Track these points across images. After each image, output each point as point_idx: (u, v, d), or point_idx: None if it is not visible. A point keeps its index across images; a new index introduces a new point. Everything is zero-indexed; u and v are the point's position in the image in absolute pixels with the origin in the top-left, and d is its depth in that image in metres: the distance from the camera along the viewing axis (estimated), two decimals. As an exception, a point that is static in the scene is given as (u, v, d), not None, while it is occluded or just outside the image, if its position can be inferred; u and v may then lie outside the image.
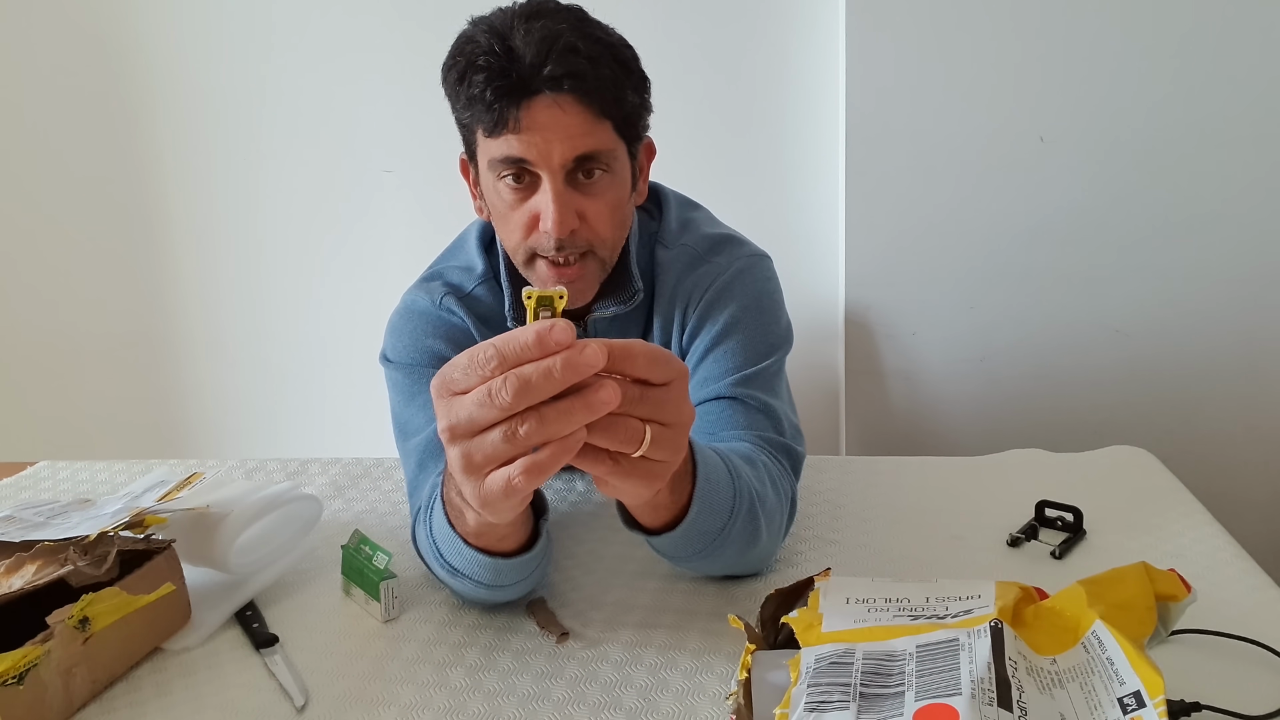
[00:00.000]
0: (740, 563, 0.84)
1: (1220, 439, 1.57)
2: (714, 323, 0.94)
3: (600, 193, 0.84)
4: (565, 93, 0.78)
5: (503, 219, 0.87)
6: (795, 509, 0.90)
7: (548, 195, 0.82)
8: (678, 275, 0.96)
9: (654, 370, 0.54)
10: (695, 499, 0.71)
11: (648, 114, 0.89)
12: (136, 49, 1.75)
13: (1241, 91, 1.43)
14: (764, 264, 0.99)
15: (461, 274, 0.98)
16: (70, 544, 0.78)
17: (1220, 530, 0.95)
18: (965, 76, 1.47)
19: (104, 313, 1.91)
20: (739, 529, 0.77)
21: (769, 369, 0.93)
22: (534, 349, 0.50)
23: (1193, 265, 1.51)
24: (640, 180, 0.93)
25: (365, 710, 0.72)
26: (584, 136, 0.80)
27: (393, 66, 1.66)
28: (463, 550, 0.74)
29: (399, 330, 0.97)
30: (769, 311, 0.96)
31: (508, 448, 0.51)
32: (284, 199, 1.80)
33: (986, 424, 1.62)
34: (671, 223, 1.00)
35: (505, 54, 0.78)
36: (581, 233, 0.85)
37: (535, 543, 0.76)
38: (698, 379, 0.93)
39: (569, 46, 0.77)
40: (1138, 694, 0.56)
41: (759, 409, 0.90)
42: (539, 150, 0.80)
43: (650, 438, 0.55)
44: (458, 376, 0.52)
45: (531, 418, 0.51)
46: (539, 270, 0.87)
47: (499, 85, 0.78)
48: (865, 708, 0.57)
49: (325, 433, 1.92)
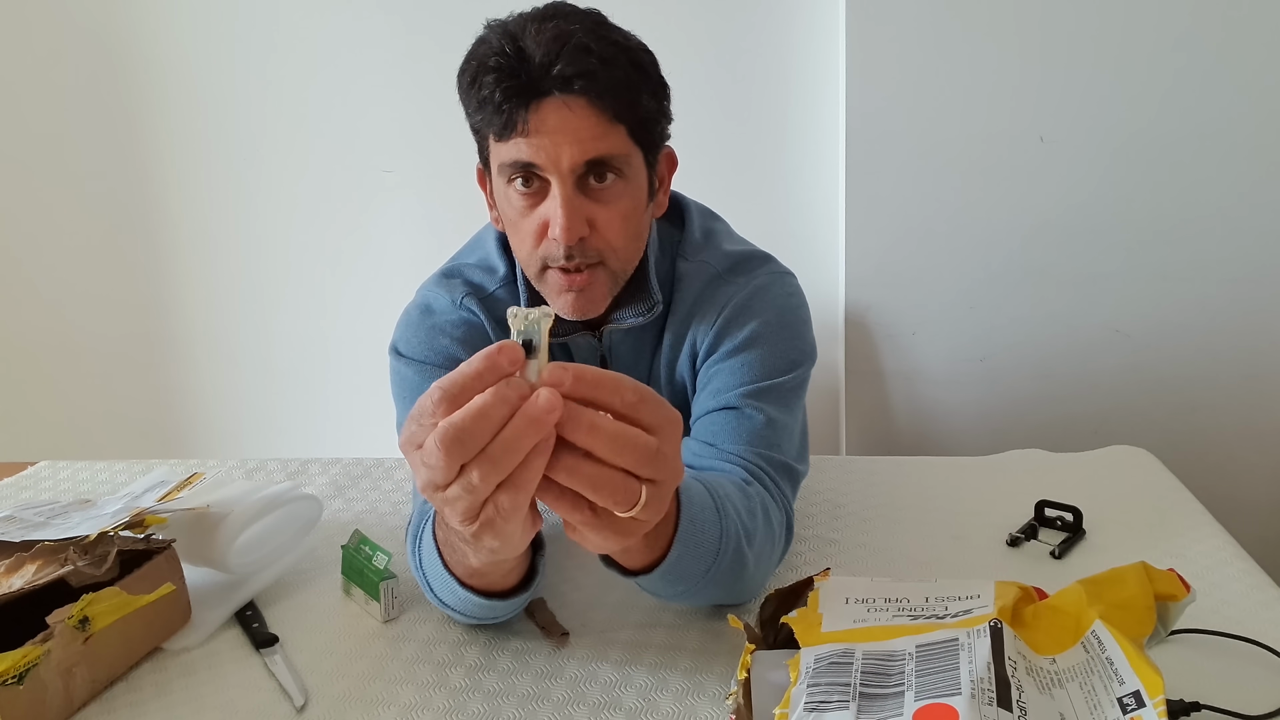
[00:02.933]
0: (727, 596, 0.80)
1: (1220, 439, 1.57)
2: (732, 339, 0.90)
3: (612, 200, 0.81)
4: (576, 94, 0.76)
5: (514, 227, 0.84)
6: (791, 535, 0.87)
7: (556, 200, 0.79)
8: (697, 291, 0.93)
9: (642, 410, 0.50)
10: (677, 543, 0.67)
11: (667, 122, 0.85)
12: (137, 49, 1.75)
13: (1242, 91, 1.43)
14: (786, 281, 0.96)
15: (483, 274, 0.95)
16: (70, 544, 0.78)
17: (1220, 530, 0.95)
18: (965, 76, 1.47)
19: (104, 313, 1.91)
20: (724, 569, 0.73)
21: (786, 384, 0.89)
22: (486, 376, 0.48)
23: (1193, 265, 1.51)
24: (660, 191, 0.90)
25: (365, 710, 0.72)
26: (595, 140, 0.77)
27: (393, 67, 1.66)
28: (456, 590, 0.73)
29: (415, 325, 0.94)
30: (791, 327, 0.92)
31: (473, 497, 0.49)
32: (284, 199, 1.80)
33: (987, 424, 1.62)
34: (695, 233, 0.96)
35: (516, 54, 0.76)
36: (592, 241, 0.81)
37: (532, 581, 0.74)
38: (710, 390, 0.90)
39: (580, 46, 0.75)
40: (1137, 694, 0.56)
41: (766, 423, 0.86)
42: (548, 154, 0.77)
43: (645, 498, 0.51)
44: (415, 430, 0.49)
45: (480, 461, 0.47)
46: (550, 281, 0.84)
47: (508, 86, 0.76)
48: (865, 708, 0.57)
49: (325, 433, 1.92)
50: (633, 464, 0.50)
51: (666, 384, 0.96)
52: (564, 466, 0.49)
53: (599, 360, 0.95)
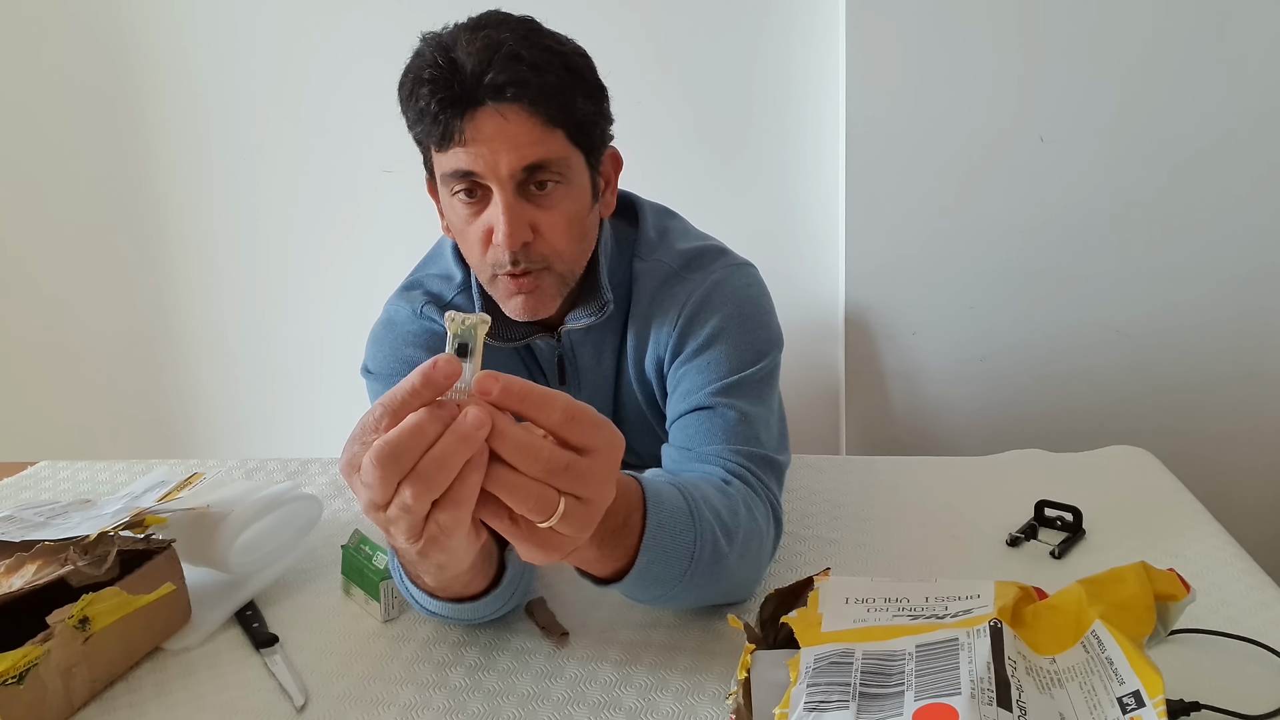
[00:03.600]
0: (715, 596, 0.80)
1: (1220, 439, 1.57)
2: (696, 337, 0.90)
3: (554, 204, 0.82)
4: (509, 101, 0.77)
5: (461, 236, 0.86)
6: (781, 528, 0.86)
7: (498, 207, 0.80)
8: (653, 290, 0.93)
9: (570, 429, 0.50)
10: (645, 549, 0.67)
11: (607, 123, 0.86)
12: (137, 49, 1.75)
13: (1242, 91, 1.43)
14: (743, 271, 0.96)
15: (441, 283, 0.97)
16: (70, 544, 0.78)
17: (1220, 530, 0.95)
18: (965, 76, 1.47)
19: (104, 313, 1.91)
20: (702, 571, 0.73)
21: (754, 376, 0.89)
22: (423, 391, 0.48)
23: (1193, 265, 1.51)
24: (607, 192, 0.91)
25: (365, 710, 0.72)
26: (531, 145, 0.78)
27: (394, 67, 1.65)
28: (434, 603, 0.74)
29: (380, 340, 0.96)
30: (753, 318, 0.92)
31: (411, 516, 0.49)
32: (284, 199, 1.80)
33: (987, 424, 1.62)
34: (649, 232, 0.97)
35: (448, 65, 0.77)
36: (536, 246, 0.83)
37: (503, 576, 0.74)
38: (680, 392, 0.90)
39: (511, 54, 0.76)
40: (1137, 693, 0.56)
41: (739, 419, 0.86)
42: (486, 161, 0.78)
43: (563, 510, 0.51)
44: (355, 450, 0.50)
45: (412, 479, 0.47)
46: (500, 285, 0.85)
47: (443, 97, 0.77)
48: (865, 707, 0.57)
49: (325, 433, 1.92)
50: (542, 475, 0.49)
51: (637, 383, 0.97)
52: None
53: (558, 361, 0.96)
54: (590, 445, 0.52)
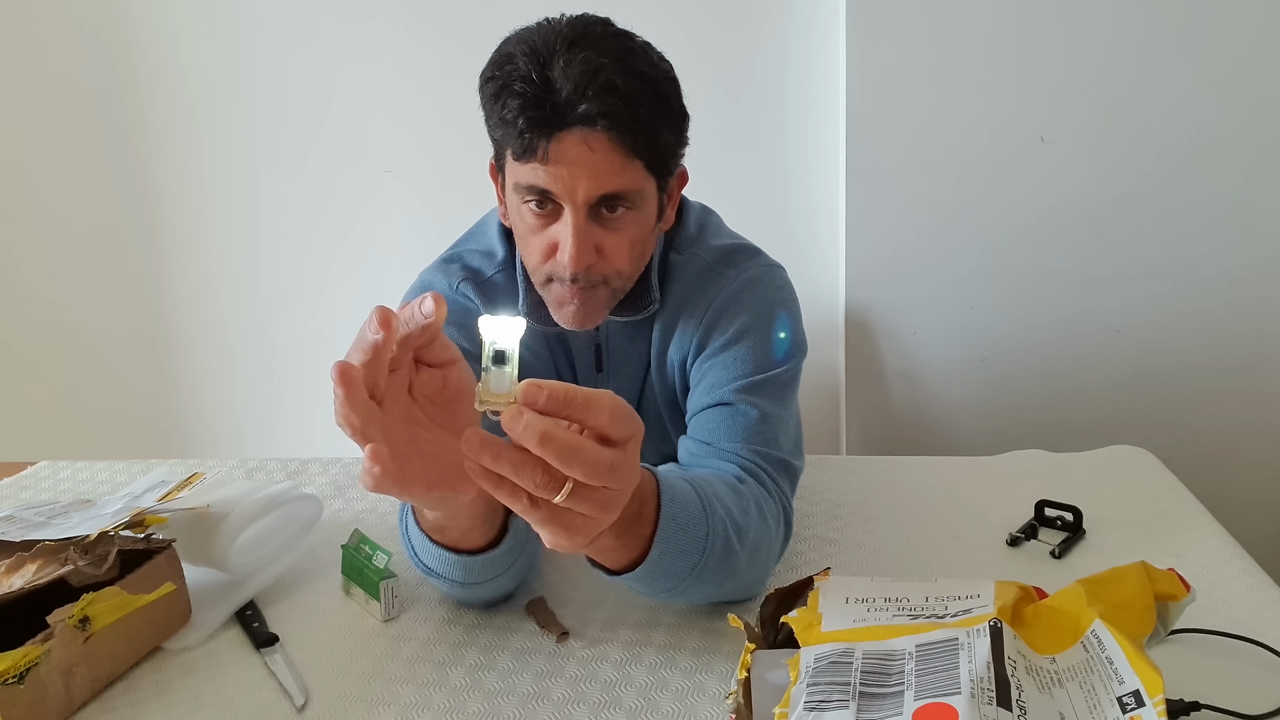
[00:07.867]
0: (722, 593, 0.80)
1: (1220, 439, 1.57)
2: (722, 332, 0.91)
3: (622, 229, 0.83)
4: (598, 131, 0.76)
5: (523, 239, 0.86)
6: (790, 531, 0.87)
7: (568, 228, 0.80)
8: (687, 284, 0.94)
9: (616, 426, 0.52)
10: (658, 540, 0.68)
11: (683, 149, 0.87)
12: (136, 49, 1.75)
13: (1241, 91, 1.43)
14: (776, 273, 0.97)
15: (482, 259, 0.97)
16: (70, 544, 0.78)
17: (1220, 530, 0.95)
18: (965, 76, 1.47)
19: (104, 313, 1.91)
20: (712, 566, 0.73)
21: (778, 378, 0.90)
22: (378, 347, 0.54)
23: (1193, 265, 1.51)
24: (669, 207, 0.92)
25: (365, 710, 0.72)
26: (611, 175, 0.79)
27: (393, 67, 1.66)
28: (430, 548, 0.75)
29: None
30: (782, 320, 0.93)
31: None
32: (284, 199, 1.80)
33: (987, 424, 1.62)
34: (689, 227, 0.98)
35: (543, 83, 0.76)
36: (598, 266, 0.83)
37: (503, 539, 0.74)
38: (704, 386, 0.91)
39: (608, 85, 0.75)
40: (1137, 693, 0.56)
41: (760, 418, 0.86)
42: (564, 184, 0.78)
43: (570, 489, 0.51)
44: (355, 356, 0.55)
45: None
46: (553, 291, 0.86)
47: (532, 115, 0.76)
48: (864, 707, 0.57)
49: (325, 433, 1.91)
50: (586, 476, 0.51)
51: (658, 375, 0.97)
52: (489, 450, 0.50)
53: (594, 351, 0.97)
54: (626, 436, 0.53)
